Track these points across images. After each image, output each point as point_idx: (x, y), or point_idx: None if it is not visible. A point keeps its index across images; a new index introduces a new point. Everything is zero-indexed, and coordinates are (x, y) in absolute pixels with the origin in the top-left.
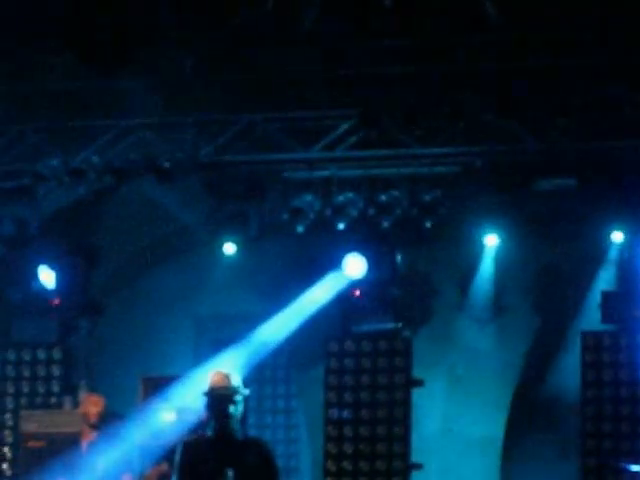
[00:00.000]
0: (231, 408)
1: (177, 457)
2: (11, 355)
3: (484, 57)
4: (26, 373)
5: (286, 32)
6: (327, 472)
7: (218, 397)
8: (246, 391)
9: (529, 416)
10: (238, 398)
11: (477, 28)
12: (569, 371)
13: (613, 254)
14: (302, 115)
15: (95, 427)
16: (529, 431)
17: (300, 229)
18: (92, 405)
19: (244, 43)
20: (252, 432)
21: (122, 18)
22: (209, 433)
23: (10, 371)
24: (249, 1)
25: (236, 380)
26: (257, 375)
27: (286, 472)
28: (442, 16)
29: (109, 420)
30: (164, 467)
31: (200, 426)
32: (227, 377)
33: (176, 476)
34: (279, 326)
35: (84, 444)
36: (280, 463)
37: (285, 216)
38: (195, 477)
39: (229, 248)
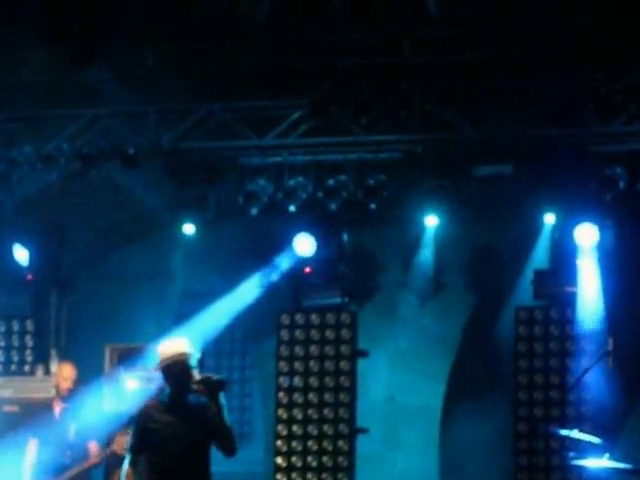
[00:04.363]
0: (187, 371)
1: (134, 419)
2: None
3: (425, 50)
4: (1, 343)
5: (241, 26)
6: (278, 436)
7: (173, 363)
8: (197, 354)
9: (466, 386)
10: (192, 362)
11: (419, 23)
12: (503, 343)
13: (545, 235)
14: (256, 105)
15: (65, 399)
16: (466, 400)
17: (254, 211)
18: (63, 380)
19: (202, 37)
20: None
21: (90, 16)
22: (164, 399)
23: None
24: None
25: (187, 345)
26: (215, 347)
27: (240, 438)
28: (387, 11)
29: (79, 390)
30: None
31: (160, 393)
32: (178, 344)
33: (132, 436)
34: (235, 301)
35: (56, 410)
36: (235, 429)
37: (240, 199)
38: (148, 434)
39: (189, 229)
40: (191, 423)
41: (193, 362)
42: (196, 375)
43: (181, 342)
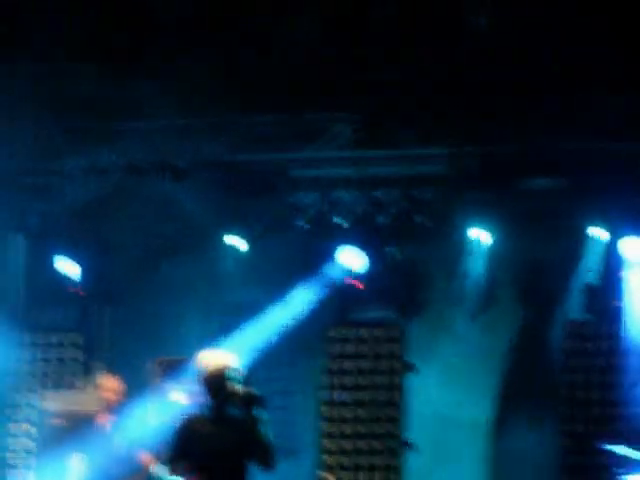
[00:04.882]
0: (227, 384)
1: (175, 431)
2: (38, 339)
3: (473, 64)
4: (50, 356)
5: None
6: (325, 451)
7: (213, 376)
8: (241, 367)
9: (516, 400)
10: (234, 375)
11: (465, 38)
12: (553, 357)
13: (595, 248)
14: (306, 117)
15: (111, 412)
16: (516, 415)
17: (302, 224)
18: (110, 393)
19: (251, 51)
20: None
21: (140, 26)
22: (206, 411)
23: (37, 354)
24: (259, 9)
25: (228, 358)
26: (261, 360)
27: (286, 452)
28: (436, 25)
29: (125, 402)
30: None
31: (202, 405)
32: (219, 356)
33: (172, 447)
34: (283, 314)
35: (103, 423)
36: (280, 443)
37: (288, 212)
38: (190, 446)
39: (236, 241)
40: (231, 435)
41: (234, 375)
42: (237, 389)
43: (222, 355)
